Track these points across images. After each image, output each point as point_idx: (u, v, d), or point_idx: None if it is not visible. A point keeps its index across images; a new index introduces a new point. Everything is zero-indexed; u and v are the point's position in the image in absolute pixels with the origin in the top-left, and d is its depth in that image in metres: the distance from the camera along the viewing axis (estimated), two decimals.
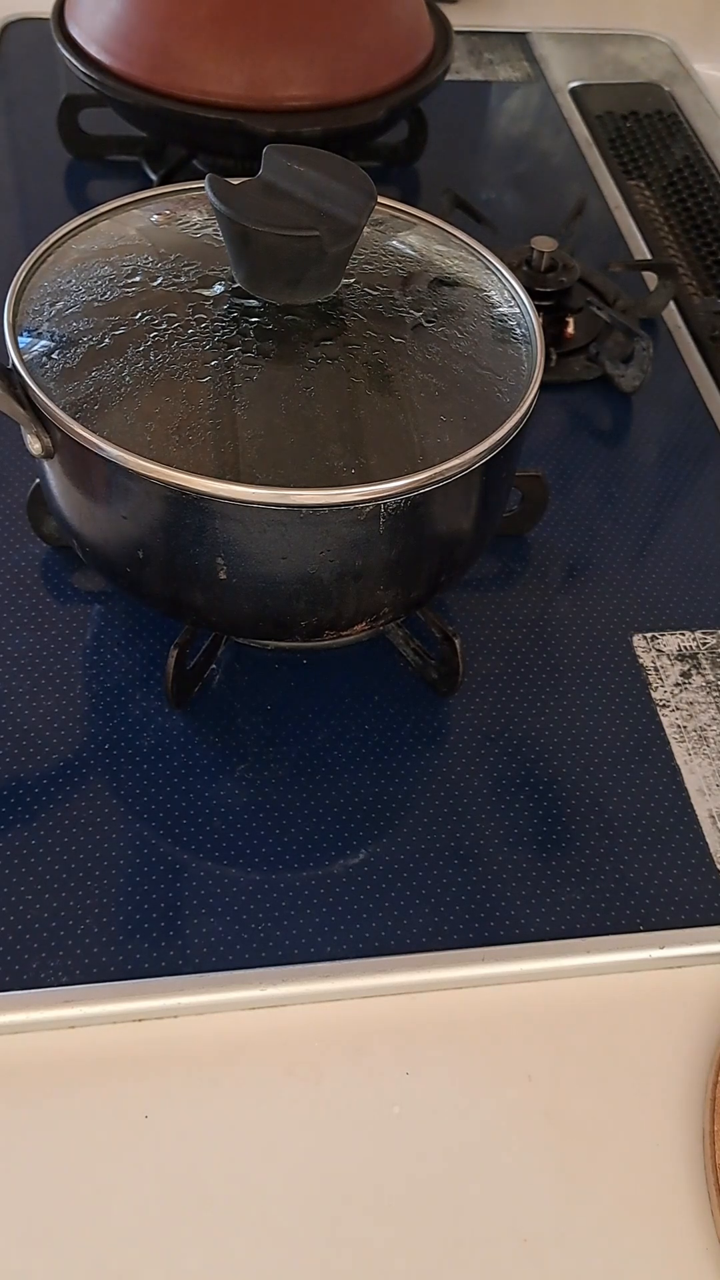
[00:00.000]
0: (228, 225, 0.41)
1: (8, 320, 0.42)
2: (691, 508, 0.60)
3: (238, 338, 0.42)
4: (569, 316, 0.67)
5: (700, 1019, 0.42)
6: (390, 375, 0.42)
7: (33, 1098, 0.38)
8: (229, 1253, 0.36)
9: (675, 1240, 0.37)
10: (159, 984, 0.41)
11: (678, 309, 0.71)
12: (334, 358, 0.42)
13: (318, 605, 0.42)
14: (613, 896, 0.44)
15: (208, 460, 0.39)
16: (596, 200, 0.79)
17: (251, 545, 0.40)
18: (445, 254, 0.48)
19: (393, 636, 0.51)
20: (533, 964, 0.42)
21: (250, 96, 0.64)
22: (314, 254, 0.41)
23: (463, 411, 0.42)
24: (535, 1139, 0.39)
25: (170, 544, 0.41)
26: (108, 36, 0.66)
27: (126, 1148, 0.37)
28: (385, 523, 0.40)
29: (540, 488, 0.55)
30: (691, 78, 0.92)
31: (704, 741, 0.49)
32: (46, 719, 0.47)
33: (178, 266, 0.44)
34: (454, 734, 0.49)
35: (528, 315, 0.46)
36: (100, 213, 0.48)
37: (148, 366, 0.41)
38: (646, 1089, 0.40)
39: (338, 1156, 0.38)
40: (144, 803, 0.45)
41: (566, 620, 0.54)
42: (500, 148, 0.83)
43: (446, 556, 0.45)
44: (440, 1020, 0.41)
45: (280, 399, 0.40)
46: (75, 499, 0.43)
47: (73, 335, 0.42)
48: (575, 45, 0.94)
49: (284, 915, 0.43)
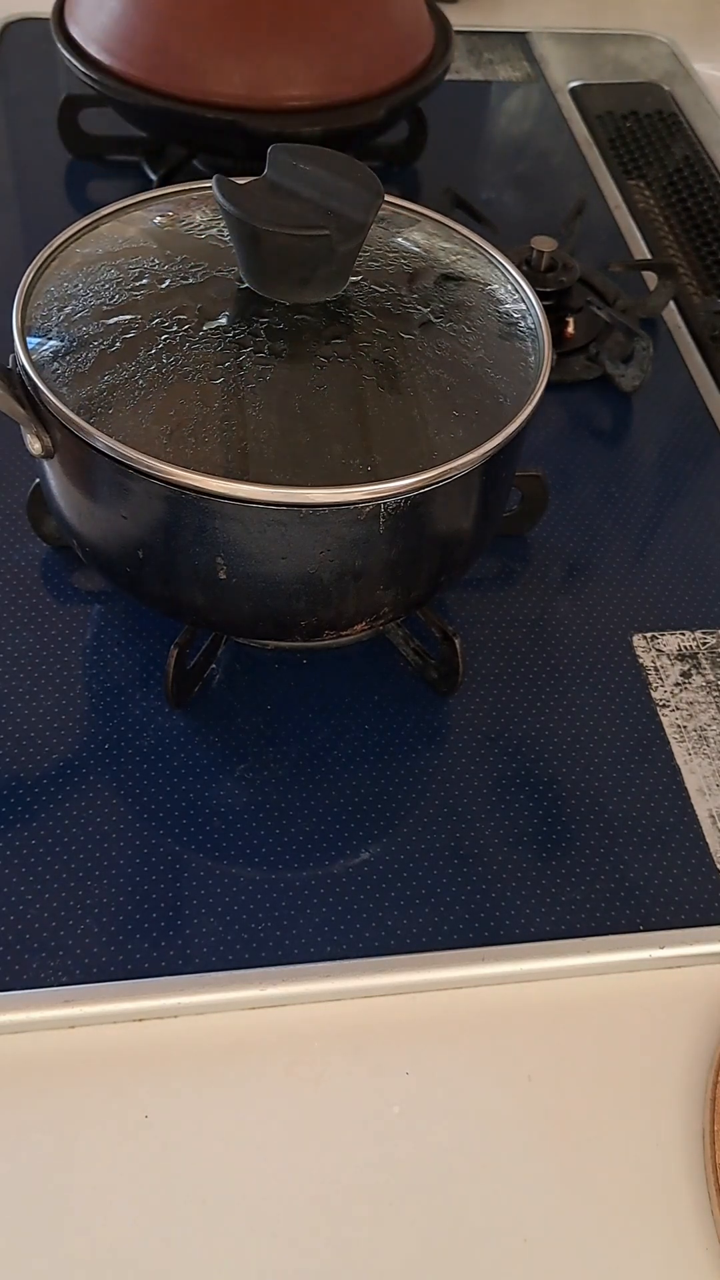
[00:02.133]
0: (237, 226, 0.41)
1: (16, 324, 0.42)
2: (691, 508, 0.60)
3: (248, 338, 0.42)
4: (569, 316, 0.67)
5: (700, 1019, 0.42)
6: (401, 372, 0.42)
7: (33, 1098, 0.38)
8: (229, 1252, 0.36)
9: (675, 1240, 0.37)
10: (159, 984, 0.41)
11: (678, 309, 0.71)
12: (345, 356, 0.42)
13: (318, 605, 0.42)
14: (613, 896, 0.44)
15: (219, 461, 0.39)
16: (596, 200, 0.79)
17: (251, 545, 0.40)
18: (450, 250, 0.48)
19: (393, 636, 0.51)
20: (533, 964, 0.42)
21: (250, 96, 0.64)
22: (323, 253, 0.41)
23: (474, 407, 0.42)
24: (535, 1139, 0.39)
25: (170, 544, 0.41)
26: (108, 36, 0.66)
27: (126, 1148, 0.37)
28: (385, 522, 0.40)
29: (540, 488, 0.55)
30: (691, 78, 0.92)
31: (704, 741, 0.49)
32: (46, 719, 0.47)
33: (184, 268, 0.44)
34: (454, 734, 0.49)
35: (533, 310, 0.46)
36: (103, 215, 0.48)
37: (160, 369, 0.41)
38: (646, 1089, 0.40)
39: (338, 1156, 0.38)
40: (144, 803, 0.45)
41: (566, 620, 0.54)
42: (500, 147, 0.83)
43: (446, 556, 0.45)
44: (440, 1020, 0.41)
45: (294, 398, 0.40)
46: (75, 499, 0.43)
47: (83, 339, 0.42)
48: (575, 45, 0.94)
49: (284, 915, 0.43)
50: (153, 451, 0.38)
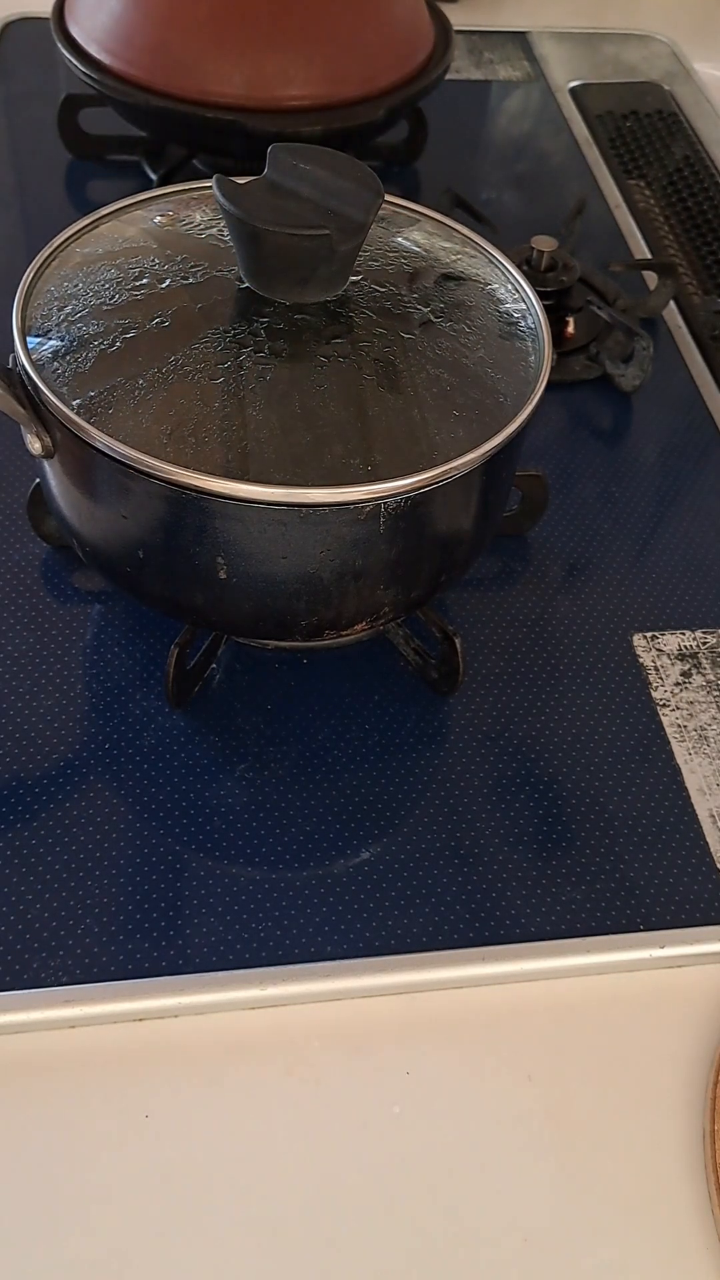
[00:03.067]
0: (237, 226, 0.41)
1: (16, 324, 0.42)
2: (691, 507, 0.60)
3: (249, 338, 0.42)
4: (569, 316, 0.67)
5: (700, 1019, 0.42)
6: (401, 372, 0.42)
7: (33, 1097, 0.38)
8: (229, 1252, 0.36)
9: (675, 1240, 0.37)
10: (159, 984, 0.41)
11: (678, 308, 0.71)
12: (345, 356, 0.42)
13: (318, 605, 0.42)
14: (613, 896, 0.44)
15: (219, 461, 0.39)
16: (596, 200, 0.78)
17: (251, 545, 0.40)
18: (450, 250, 0.48)
19: (393, 636, 0.51)
20: (533, 964, 0.42)
21: (250, 96, 0.64)
22: (324, 252, 0.41)
23: (474, 406, 0.42)
24: (535, 1139, 0.39)
25: (170, 543, 0.41)
26: (108, 36, 0.66)
27: (127, 1147, 0.37)
28: (386, 522, 0.40)
29: (540, 487, 0.55)
30: (691, 77, 0.92)
31: (704, 741, 0.49)
32: (46, 719, 0.47)
33: (184, 268, 0.44)
34: (454, 734, 0.49)
35: (533, 310, 0.46)
36: (102, 215, 0.48)
37: (160, 369, 0.41)
38: (646, 1089, 0.40)
39: (338, 1156, 0.38)
40: (144, 802, 0.45)
41: (566, 620, 0.54)
42: (500, 147, 0.83)
43: (447, 556, 0.45)
44: (440, 1020, 0.41)
45: (294, 398, 0.40)
46: (75, 499, 0.43)
47: (83, 339, 0.42)
48: (575, 45, 0.94)
49: (284, 915, 0.43)
50: (153, 451, 0.38)
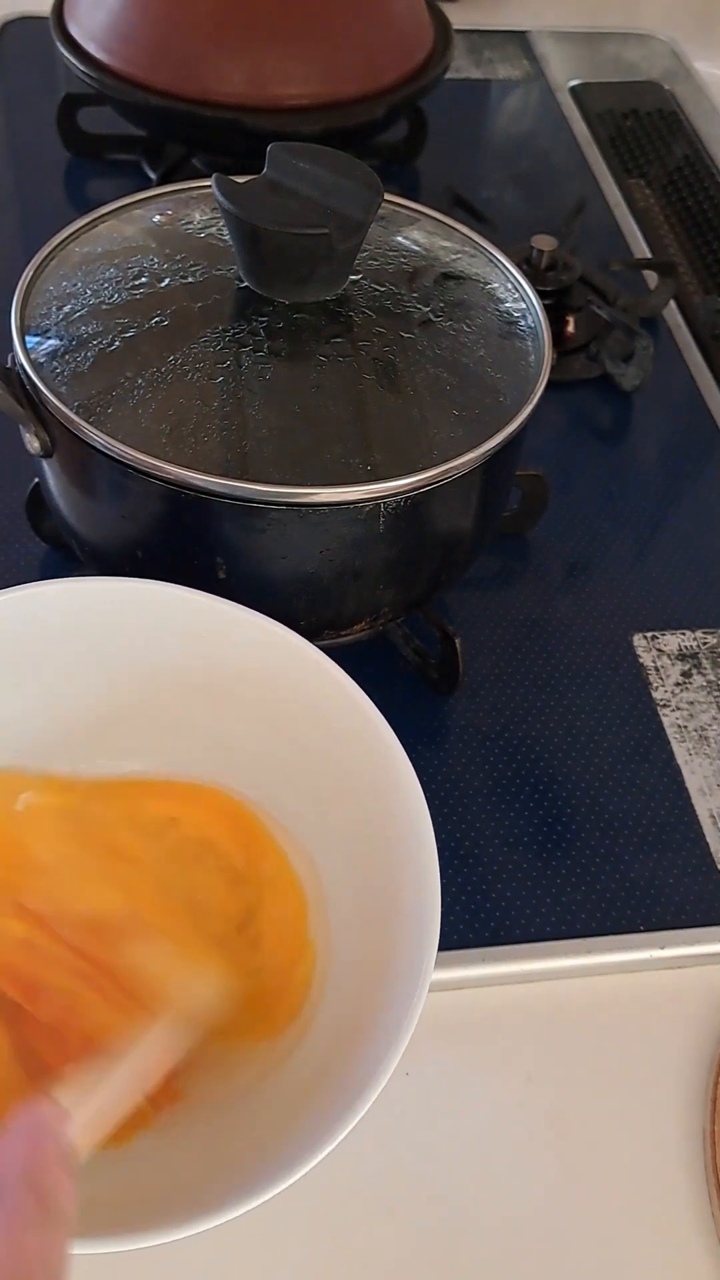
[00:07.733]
0: (236, 224, 0.41)
1: (15, 323, 0.42)
2: (691, 507, 0.60)
3: (248, 337, 0.41)
4: (569, 315, 0.67)
5: (700, 1019, 0.42)
6: (401, 371, 0.42)
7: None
8: (228, 1252, 0.36)
9: (675, 1240, 0.37)
10: None
11: (678, 308, 0.71)
12: (345, 355, 0.42)
13: (317, 604, 0.42)
14: (613, 896, 0.44)
15: (219, 460, 0.39)
16: (597, 199, 0.78)
17: (251, 544, 0.40)
18: (449, 249, 0.48)
19: (393, 636, 0.51)
20: (533, 964, 0.42)
21: (250, 95, 0.64)
22: (323, 251, 0.41)
23: (474, 406, 0.42)
24: (535, 1139, 0.39)
25: (169, 543, 0.41)
26: (107, 35, 0.66)
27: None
28: (385, 522, 0.40)
29: (540, 487, 0.55)
30: (691, 76, 0.92)
31: (704, 741, 0.49)
32: None
33: (184, 267, 0.44)
34: (454, 734, 0.49)
35: (533, 309, 0.46)
36: (102, 214, 0.47)
37: (159, 368, 0.41)
38: (646, 1089, 0.40)
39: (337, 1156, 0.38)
40: None
41: (566, 620, 0.53)
42: (500, 146, 0.83)
43: (446, 556, 0.44)
44: (440, 1020, 0.41)
45: (293, 397, 0.40)
46: (74, 498, 0.43)
47: (82, 338, 0.42)
48: (575, 44, 0.94)
49: None
50: (152, 450, 0.38)
